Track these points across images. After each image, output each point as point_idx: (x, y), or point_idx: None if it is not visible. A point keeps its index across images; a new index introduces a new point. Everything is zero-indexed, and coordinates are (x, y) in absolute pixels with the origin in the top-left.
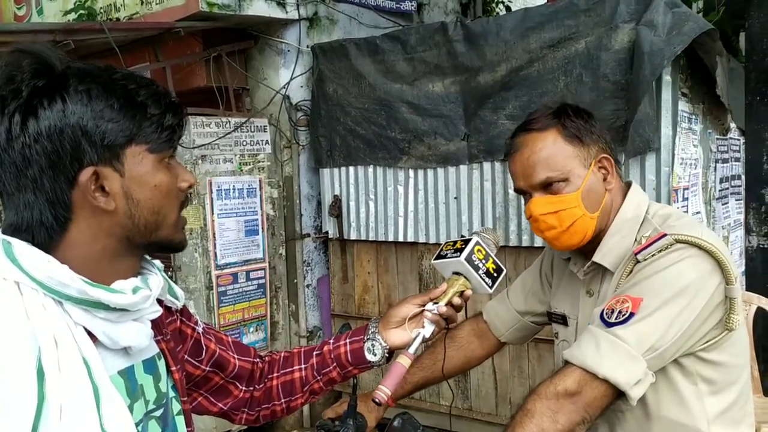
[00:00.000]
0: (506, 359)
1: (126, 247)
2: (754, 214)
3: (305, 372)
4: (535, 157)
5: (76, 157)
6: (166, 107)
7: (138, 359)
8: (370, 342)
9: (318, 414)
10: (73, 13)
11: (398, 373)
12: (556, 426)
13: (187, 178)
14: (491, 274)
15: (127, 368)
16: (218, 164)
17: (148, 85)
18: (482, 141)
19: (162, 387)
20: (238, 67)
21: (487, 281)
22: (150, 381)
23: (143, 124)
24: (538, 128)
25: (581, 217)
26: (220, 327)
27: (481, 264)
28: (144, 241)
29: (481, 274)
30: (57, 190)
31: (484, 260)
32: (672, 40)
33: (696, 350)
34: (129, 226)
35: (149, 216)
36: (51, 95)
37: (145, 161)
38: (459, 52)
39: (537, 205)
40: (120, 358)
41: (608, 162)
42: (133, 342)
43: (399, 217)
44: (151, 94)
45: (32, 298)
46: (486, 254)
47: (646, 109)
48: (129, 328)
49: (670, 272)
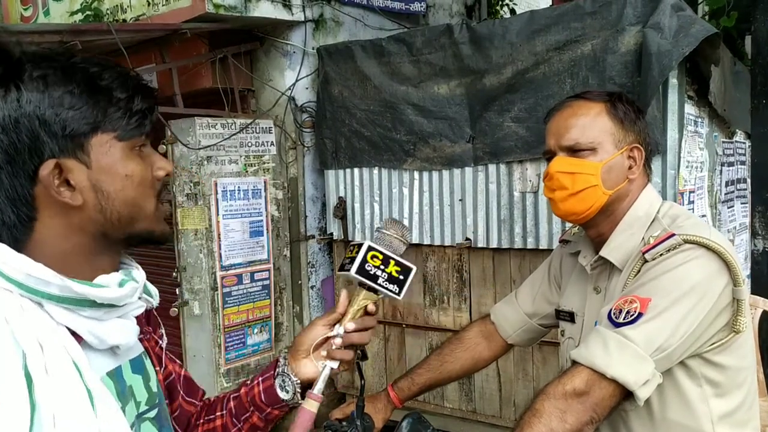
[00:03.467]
0: (510, 362)
1: (102, 243)
2: (760, 217)
3: (225, 419)
4: (575, 120)
5: (35, 150)
6: (133, 90)
7: (125, 359)
8: (280, 378)
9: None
10: (79, 14)
11: (304, 422)
12: (565, 426)
13: (163, 165)
14: (395, 278)
15: (115, 369)
16: (223, 165)
17: (112, 67)
18: (487, 143)
19: (152, 386)
20: (243, 68)
21: (392, 288)
22: (139, 381)
23: (109, 110)
24: (589, 98)
25: (594, 186)
26: (224, 328)
27: (380, 271)
28: (121, 235)
29: (382, 282)
30: (17, 186)
31: (383, 265)
32: (679, 42)
33: (703, 352)
34: (101, 220)
35: (123, 209)
36: (5, 84)
37: (113, 150)
38: (465, 55)
39: (557, 162)
40: (107, 358)
41: (639, 153)
42: (120, 340)
43: (404, 219)
44: (116, 77)
45: (8, 300)
46: (384, 258)
47: (653, 112)
48: (115, 325)
49: (678, 272)
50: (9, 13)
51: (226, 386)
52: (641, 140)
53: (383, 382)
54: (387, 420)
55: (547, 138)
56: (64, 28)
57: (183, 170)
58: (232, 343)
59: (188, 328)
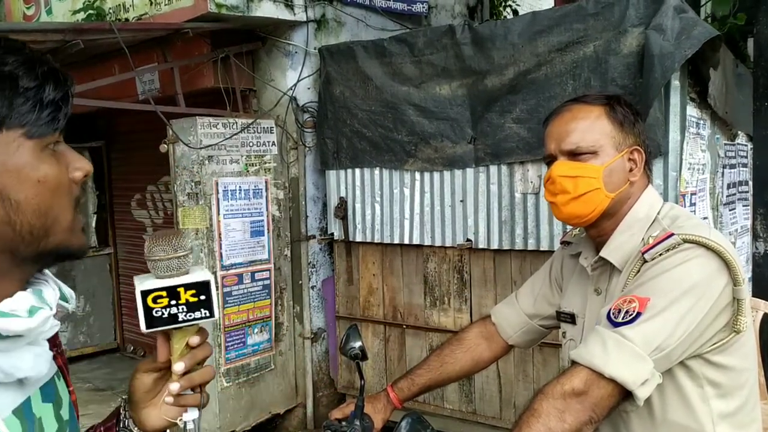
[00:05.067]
0: (511, 363)
1: (9, 262)
2: (762, 220)
3: None
4: (574, 123)
5: None
6: (43, 77)
7: (35, 387)
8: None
9: (323, 415)
10: (82, 13)
11: None
12: (564, 426)
13: (81, 165)
14: (196, 302)
15: (23, 403)
16: (225, 165)
17: (18, 50)
18: (489, 144)
19: (63, 414)
20: (245, 68)
21: (200, 314)
22: (50, 410)
23: (15, 101)
24: (587, 101)
25: (596, 189)
26: (224, 328)
27: (175, 308)
28: (32, 252)
29: (184, 317)
30: None
31: (173, 299)
32: (682, 44)
33: (703, 352)
34: (9, 235)
35: (34, 219)
36: None
37: (22, 150)
38: (466, 55)
39: (559, 166)
40: (13, 392)
41: (639, 156)
42: (31, 371)
43: (405, 220)
44: (22, 62)
45: None
46: (169, 291)
47: (656, 114)
48: (25, 355)
49: (677, 272)
50: (12, 12)
51: (226, 386)
52: (641, 142)
53: (383, 383)
54: (386, 420)
55: (547, 142)
56: (67, 27)
57: (184, 170)
58: (233, 343)
59: None
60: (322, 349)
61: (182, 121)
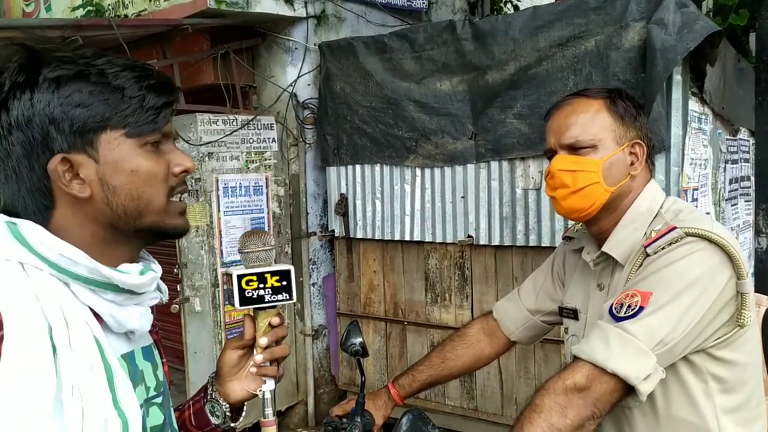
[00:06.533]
0: (512, 359)
1: (114, 234)
2: (764, 215)
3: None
4: (574, 117)
5: (46, 146)
6: (147, 89)
7: (138, 345)
8: (209, 404)
9: (324, 412)
10: (81, 9)
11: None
12: (566, 421)
13: (182, 161)
14: (279, 287)
15: (128, 353)
16: (225, 161)
17: (132, 68)
18: (490, 140)
19: (159, 375)
20: (245, 64)
21: (282, 297)
22: (149, 367)
23: (119, 107)
24: (588, 95)
25: (596, 183)
26: (225, 325)
27: (261, 291)
28: (129, 228)
29: (269, 299)
30: (34, 179)
31: (261, 284)
32: (684, 38)
33: (707, 347)
34: (108, 213)
35: (128, 202)
36: (23, 87)
37: (122, 146)
38: (467, 51)
39: (558, 160)
40: (122, 342)
41: (640, 149)
42: (137, 325)
43: (405, 216)
44: (132, 76)
45: (38, 278)
46: (258, 276)
47: (658, 108)
48: (133, 311)
49: (679, 265)
50: (11, 9)
51: None
52: (642, 136)
53: (384, 379)
54: (387, 417)
55: (548, 136)
56: (66, 23)
57: None
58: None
59: (189, 325)
60: (323, 346)
61: (182, 117)
